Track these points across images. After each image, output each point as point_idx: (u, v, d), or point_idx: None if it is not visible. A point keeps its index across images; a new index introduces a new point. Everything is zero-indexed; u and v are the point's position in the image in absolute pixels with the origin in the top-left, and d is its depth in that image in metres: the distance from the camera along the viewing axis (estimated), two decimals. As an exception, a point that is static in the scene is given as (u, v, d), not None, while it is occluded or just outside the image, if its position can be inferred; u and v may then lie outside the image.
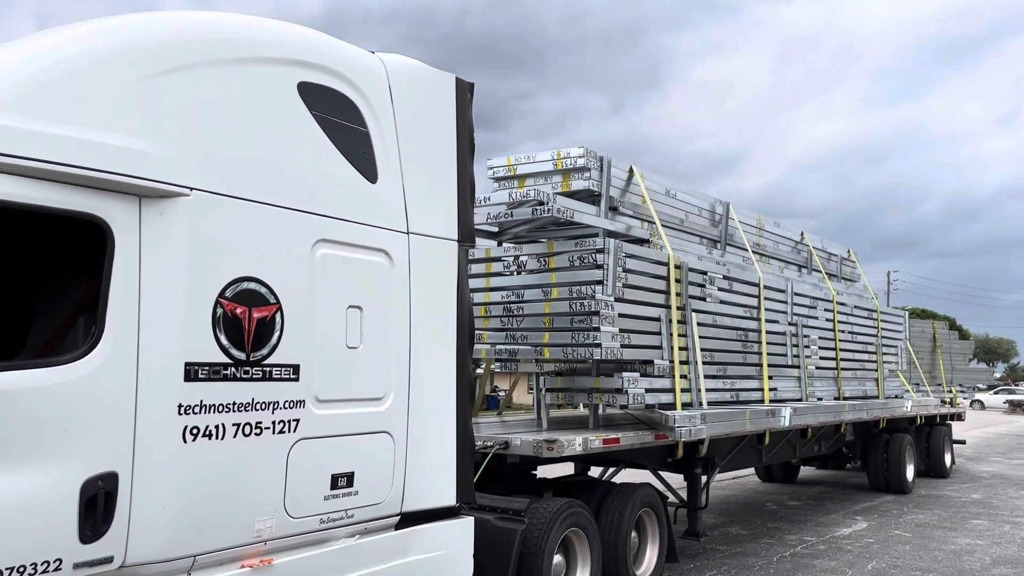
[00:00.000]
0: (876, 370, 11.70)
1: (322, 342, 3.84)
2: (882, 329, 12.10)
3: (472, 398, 4.74)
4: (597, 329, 6.19)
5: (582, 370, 6.98)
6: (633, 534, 6.49)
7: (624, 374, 6.43)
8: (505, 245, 7.02)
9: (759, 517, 10.36)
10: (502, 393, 15.30)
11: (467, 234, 4.78)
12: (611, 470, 8.72)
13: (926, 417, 13.89)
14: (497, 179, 7.34)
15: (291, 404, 3.68)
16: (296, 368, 3.71)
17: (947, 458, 14.96)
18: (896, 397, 12.68)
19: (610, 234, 7.11)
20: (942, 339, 16.00)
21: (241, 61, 3.69)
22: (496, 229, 7.34)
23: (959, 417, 16.12)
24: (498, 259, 6.93)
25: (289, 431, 3.67)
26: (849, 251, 12.30)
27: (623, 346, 6.43)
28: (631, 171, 7.48)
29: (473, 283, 6.97)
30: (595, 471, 8.54)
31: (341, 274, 3.98)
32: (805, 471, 14.36)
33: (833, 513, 10.72)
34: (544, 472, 6.97)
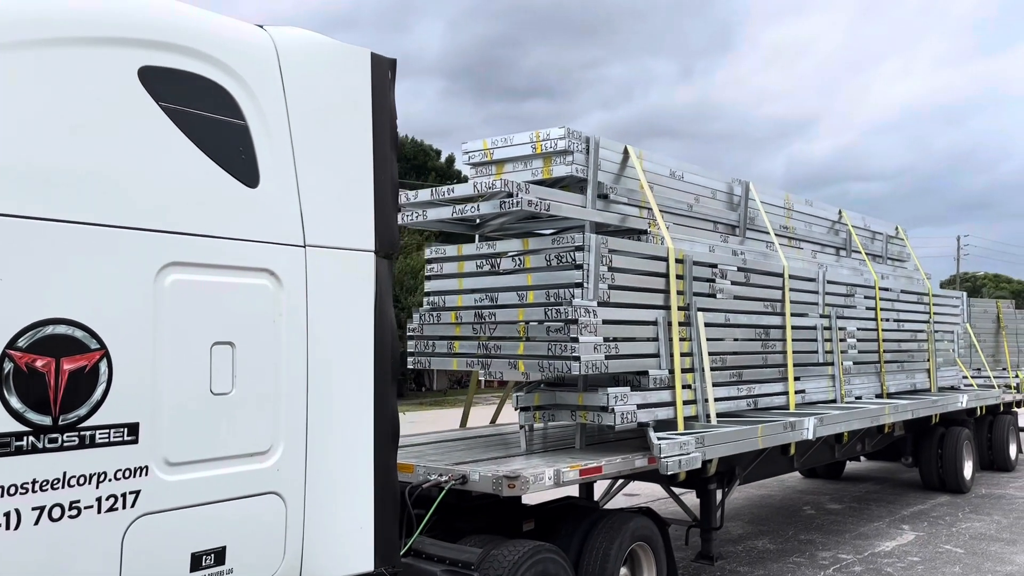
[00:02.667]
0: (928, 360, 10.55)
1: (173, 391, 3.10)
2: (935, 314, 10.92)
3: (395, 440, 3.97)
4: (575, 340, 5.35)
5: (569, 382, 6.15)
6: (625, 571, 5.69)
7: (610, 389, 5.57)
8: (478, 243, 6.19)
9: (792, 526, 9.41)
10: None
11: (388, 244, 3.97)
12: (619, 482, 7.91)
13: (988, 406, 12.65)
14: (473, 165, 6.50)
15: (126, 473, 2.96)
16: (133, 427, 2.98)
17: (1012, 450, 13.69)
18: (952, 388, 11.50)
19: (599, 227, 6.24)
20: (1007, 319, 14.61)
21: (53, 43, 2.93)
22: (477, 221, 6.54)
23: (1027, 403, 14.75)
24: (471, 257, 6.12)
25: (124, 507, 2.95)
26: (897, 228, 11.10)
27: (609, 357, 5.57)
28: (626, 152, 6.55)
29: (445, 284, 6.21)
30: (603, 483, 7.74)
31: (202, 304, 3.22)
32: (854, 463, 13.27)
33: (877, 521, 9.70)
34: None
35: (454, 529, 5.36)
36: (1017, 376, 14.54)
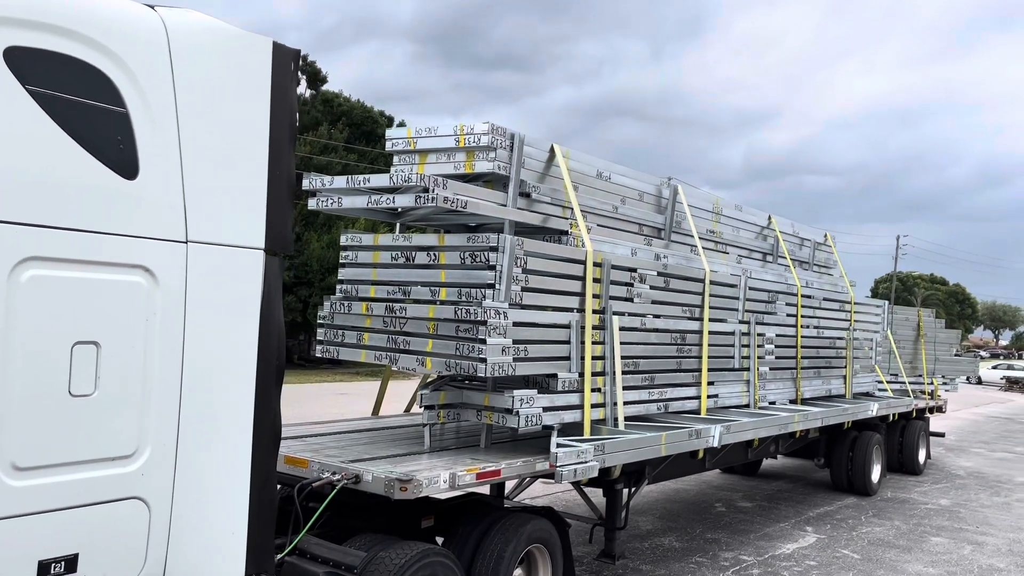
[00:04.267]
0: (845, 366, 10.80)
1: (26, 392, 2.95)
2: (856, 321, 11.17)
3: (276, 444, 3.87)
4: (483, 341, 5.29)
5: (479, 380, 6.10)
6: (520, 572, 5.70)
7: (516, 392, 5.54)
8: (395, 235, 6.06)
9: (701, 524, 9.59)
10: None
11: (281, 242, 3.84)
12: (528, 479, 7.93)
13: (902, 412, 13.04)
14: (396, 153, 6.36)
15: (-34, 479, 2.80)
16: (-24, 431, 2.83)
17: (921, 454, 14.17)
18: (867, 394, 11.83)
19: (520, 226, 6.17)
20: (927, 328, 15.05)
21: (-97, 18, 2.72)
22: (399, 210, 6.40)
23: (939, 410, 15.26)
24: (386, 248, 6.00)
25: (-38, 514, 2.80)
26: (826, 235, 11.29)
27: (518, 360, 5.54)
28: (552, 151, 6.47)
29: (359, 273, 6.09)
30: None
31: (64, 301, 3.07)
32: (772, 460, 13.56)
33: (783, 521, 9.94)
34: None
35: (348, 527, 5.31)
36: (932, 383, 15.02)
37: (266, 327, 3.78)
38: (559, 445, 5.39)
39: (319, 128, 33.14)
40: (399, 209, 6.33)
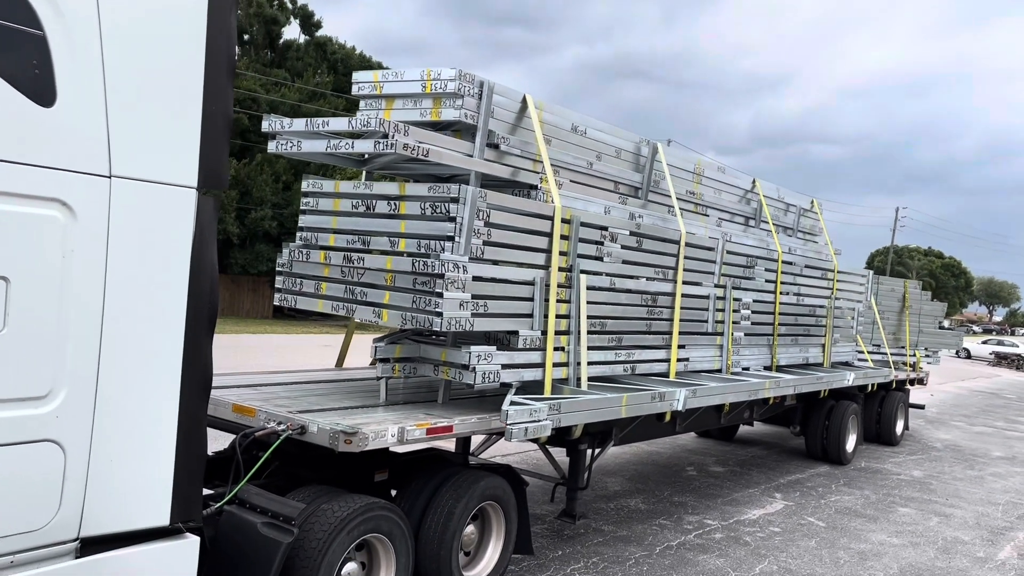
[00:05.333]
0: (824, 335, 10.70)
1: (-75, 328, 2.81)
2: (839, 290, 11.05)
3: (206, 391, 3.74)
4: (439, 295, 5.15)
5: (439, 335, 5.97)
6: (472, 528, 5.64)
7: (473, 348, 5.42)
8: (356, 182, 5.88)
9: (670, 486, 9.57)
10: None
11: (215, 179, 3.67)
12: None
13: (881, 383, 13.00)
14: (362, 98, 6.14)
15: None
16: None
17: (898, 426, 14.19)
18: (846, 364, 11.75)
19: (490, 179, 6.00)
20: (912, 300, 14.93)
21: None
22: (365, 157, 6.21)
23: (920, 382, 15.25)
24: (346, 196, 5.82)
25: None
26: (813, 202, 11.10)
27: (476, 315, 5.40)
28: (524, 101, 6.26)
29: (319, 221, 5.92)
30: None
31: (-32, 234, 2.91)
32: (748, 427, 13.55)
33: (753, 487, 9.93)
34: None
35: (298, 477, 5.22)
36: (914, 355, 14.97)
37: (198, 270, 3.63)
38: (513, 403, 5.28)
39: (307, 74, 32.59)
40: (366, 156, 6.16)
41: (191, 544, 3.71)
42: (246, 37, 34.43)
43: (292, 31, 35.53)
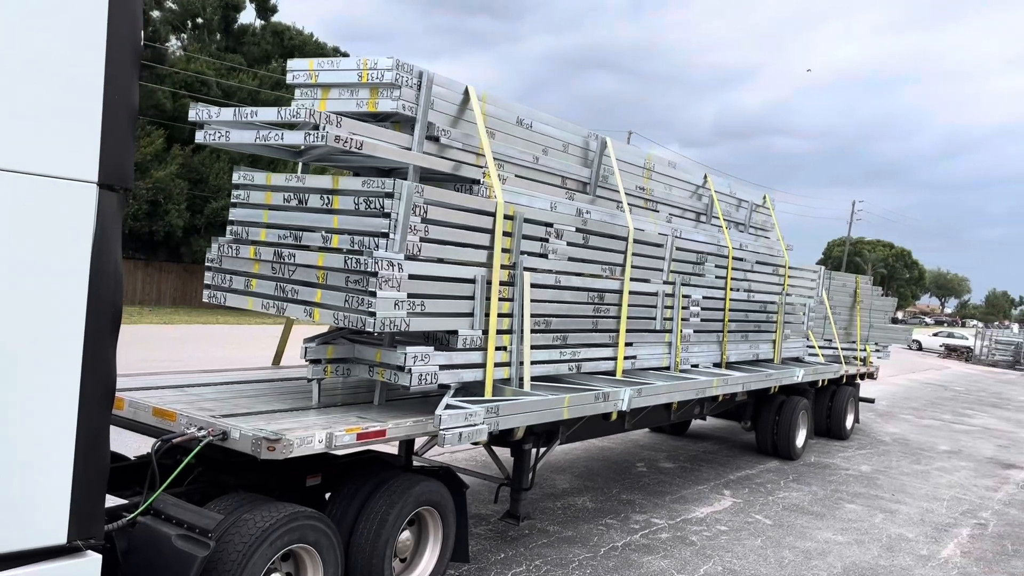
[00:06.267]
0: (775, 331, 10.70)
1: None
2: (790, 285, 11.06)
3: (109, 401, 3.51)
4: (373, 294, 4.95)
5: (372, 338, 5.77)
6: (407, 535, 5.47)
7: (409, 348, 5.23)
8: (288, 175, 5.64)
9: (619, 484, 9.50)
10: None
11: (117, 175, 3.42)
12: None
13: (832, 378, 13.08)
14: (298, 86, 5.90)
15: None
16: None
17: (849, 420, 14.33)
18: (797, 360, 11.79)
19: (432, 173, 5.80)
20: (863, 295, 15.07)
21: None
22: (302, 148, 5.96)
23: (871, 376, 15.42)
24: (278, 189, 5.59)
25: None
26: (765, 197, 11.08)
27: (413, 315, 5.21)
28: (466, 93, 6.07)
29: (250, 215, 5.68)
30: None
31: None
32: (702, 421, 13.57)
33: (702, 484, 9.91)
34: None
35: (221, 483, 5.01)
36: (865, 350, 15.12)
37: (99, 270, 3.38)
38: (448, 406, 5.11)
39: (270, 61, 31.93)
40: (302, 147, 5.91)
41: (92, 563, 3.47)
42: (199, 20, 33.59)
43: (248, 15, 34.82)
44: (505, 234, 5.95)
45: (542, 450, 7.12)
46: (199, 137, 5.52)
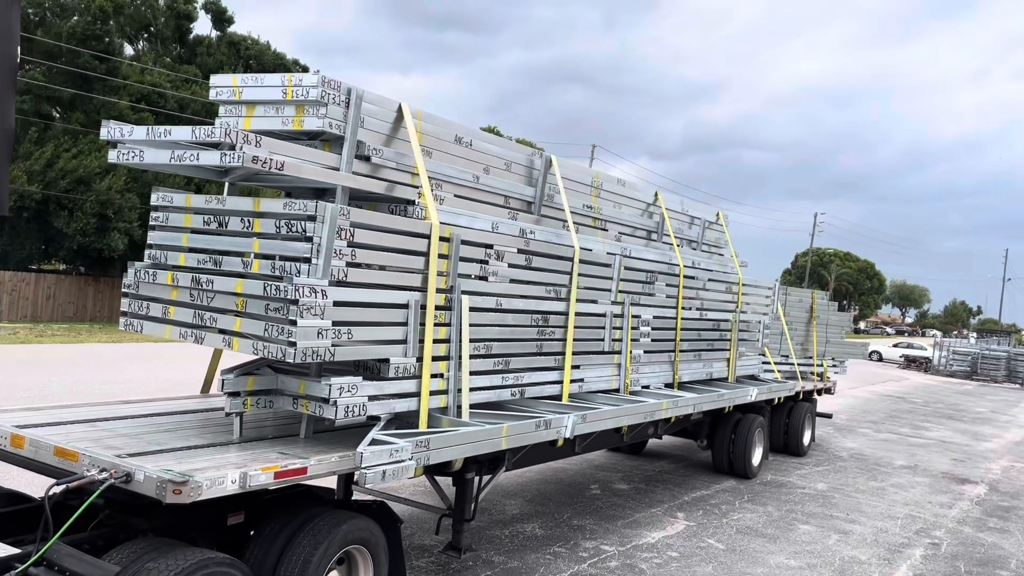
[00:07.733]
0: (729, 349, 10.58)
1: None
2: (744, 303, 10.96)
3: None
4: (293, 323, 4.68)
5: (298, 367, 5.49)
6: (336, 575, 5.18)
7: (334, 380, 4.97)
8: (208, 196, 5.36)
9: (571, 508, 9.27)
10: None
11: (-11, 202, 3.14)
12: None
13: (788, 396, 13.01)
14: (221, 103, 5.62)
15: None
16: None
17: (806, 436, 14.27)
18: (752, 377, 11.70)
19: (366, 194, 5.56)
20: (820, 310, 15.06)
21: None
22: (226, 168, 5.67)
23: (828, 392, 15.41)
24: (198, 211, 5.30)
25: None
26: (718, 214, 10.98)
27: (338, 344, 4.95)
28: (400, 110, 5.84)
29: (168, 238, 5.39)
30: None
31: None
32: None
33: (656, 506, 9.72)
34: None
35: (129, 527, 4.68)
36: (822, 365, 15.10)
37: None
38: (374, 441, 4.84)
39: (224, 71, 31.43)
40: (226, 168, 5.62)
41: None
42: (152, 30, 32.97)
43: (203, 27, 34.26)
44: (441, 256, 5.72)
45: (486, 478, 6.86)
46: (112, 156, 5.21)
